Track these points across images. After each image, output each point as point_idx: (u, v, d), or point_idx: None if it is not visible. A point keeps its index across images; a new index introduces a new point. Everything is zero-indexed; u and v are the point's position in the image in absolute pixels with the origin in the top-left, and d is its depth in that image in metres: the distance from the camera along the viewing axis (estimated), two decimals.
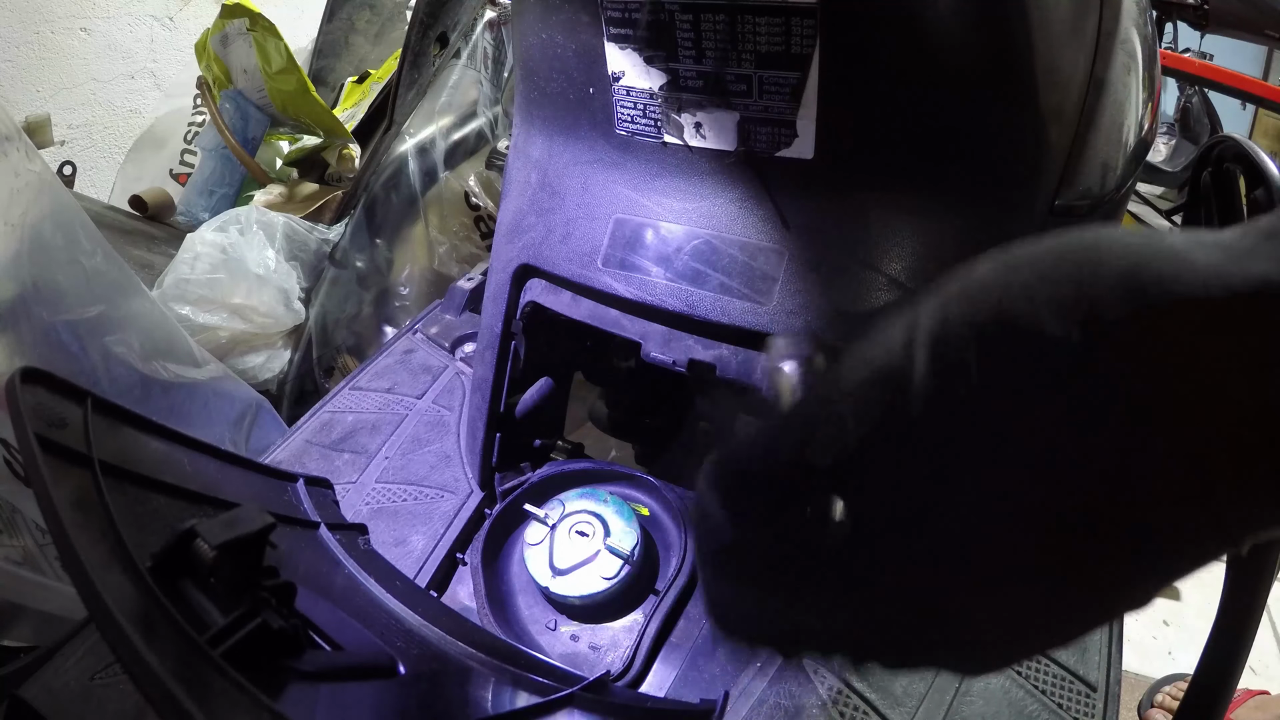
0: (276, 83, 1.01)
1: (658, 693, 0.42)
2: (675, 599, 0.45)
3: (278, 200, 1.01)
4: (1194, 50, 1.47)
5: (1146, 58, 0.49)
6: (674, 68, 0.40)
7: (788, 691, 0.40)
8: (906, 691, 0.40)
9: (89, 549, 0.24)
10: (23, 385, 0.28)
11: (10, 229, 0.60)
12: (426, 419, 0.62)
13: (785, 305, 0.41)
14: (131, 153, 1.26)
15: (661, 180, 0.44)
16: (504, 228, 0.53)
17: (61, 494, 0.25)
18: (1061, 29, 0.38)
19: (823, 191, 0.40)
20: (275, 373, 0.90)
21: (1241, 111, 2.16)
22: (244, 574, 0.28)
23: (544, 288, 0.51)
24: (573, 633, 0.47)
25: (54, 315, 0.64)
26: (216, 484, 0.37)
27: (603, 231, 0.46)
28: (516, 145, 0.53)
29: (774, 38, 0.36)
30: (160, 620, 0.24)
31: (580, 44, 0.43)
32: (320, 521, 0.43)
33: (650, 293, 0.44)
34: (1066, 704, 0.39)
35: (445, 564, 0.50)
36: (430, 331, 0.73)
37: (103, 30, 1.42)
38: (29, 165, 0.61)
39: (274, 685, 0.26)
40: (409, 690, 0.33)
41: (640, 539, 0.47)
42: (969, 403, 0.15)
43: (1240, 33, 1.08)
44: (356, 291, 0.97)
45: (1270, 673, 1.04)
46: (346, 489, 0.55)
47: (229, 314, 0.83)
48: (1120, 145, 0.47)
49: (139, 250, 0.91)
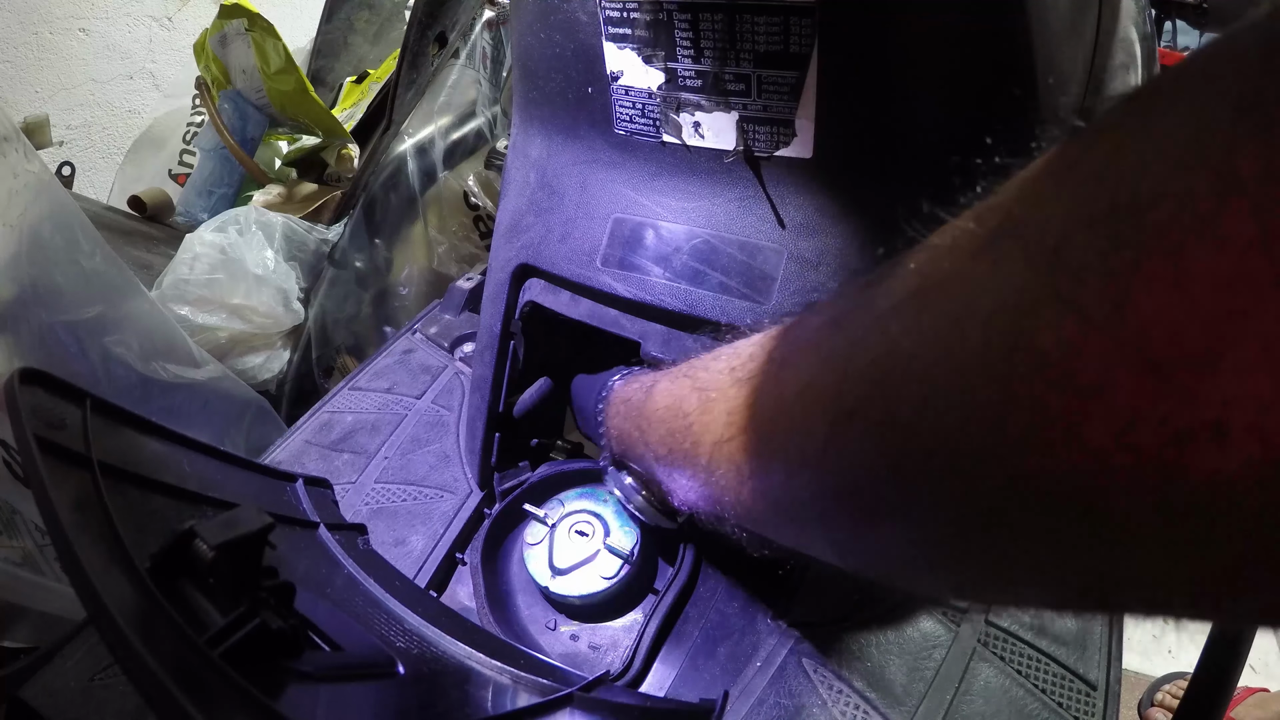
0: (275, 83, 1.01)
1: (658, 692, 0.42)
2: (675, 599, 0.45)
3: (276, 200, 1.01)
4: (1193, 49, 1.47)
5: (1145, 56, 0.49)
6: (672, 67, 0.40)
7: (788, 691, 0.40)
8: (906, 691, 0.40)
9: (88, 550, 0.24)
10: (21, 386, 0.28)
11: (9, 230, 0.60)
12: (426, 419, 0.62)
13: (785, 304, 0.41)
14: (130, 153, 1.26)
15: (660, 180, 0.44)
16: (503, 227, 0.53)
17: (60, 495, 0.25)
18: (1061, 28, 0.38)
19: (822, 191, 0.40)
20: (274, 373, 0.90)
21: None
22: (243, 574, 0.28)
23: (543, 287, 0.51)
24: (572, 632, 0.47)
25: (53, 316, 0.64)
26: (215, 484, 0.37)
27: (601, 231, 0.46)
28: (515, 145, 0.53)
29: (773, 37, 0.36)
30: (159, 621, 0.24)
31: (578, 43, 0.43)
32: (319, 521, 0.43)
33: (649, 292, 0.44)
34: (1067, 703, 0.39)
35: (445, 564, 0.50)
36: (429, 331, 0.73)
37: (101, 31, 1.42)
38: (28, 166, 0.61)
39: (273, 685, 0.26)
40: (408, 690, 0.33)
41: (640, 539, 0.47)
42: None
43: None
44: (356, 291, 0.97)
45: (1270, 671, 1.04)
46: (346, 489, 0.55)
47: (228, 314, 0.83)
48: None
49: (138, 251, 0.91)
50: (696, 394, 0.29)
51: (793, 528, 0.26)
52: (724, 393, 0.27)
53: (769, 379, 0.24)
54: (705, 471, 0.28)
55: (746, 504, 0.26)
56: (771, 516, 0.26)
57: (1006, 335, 0.14)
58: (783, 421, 0.23)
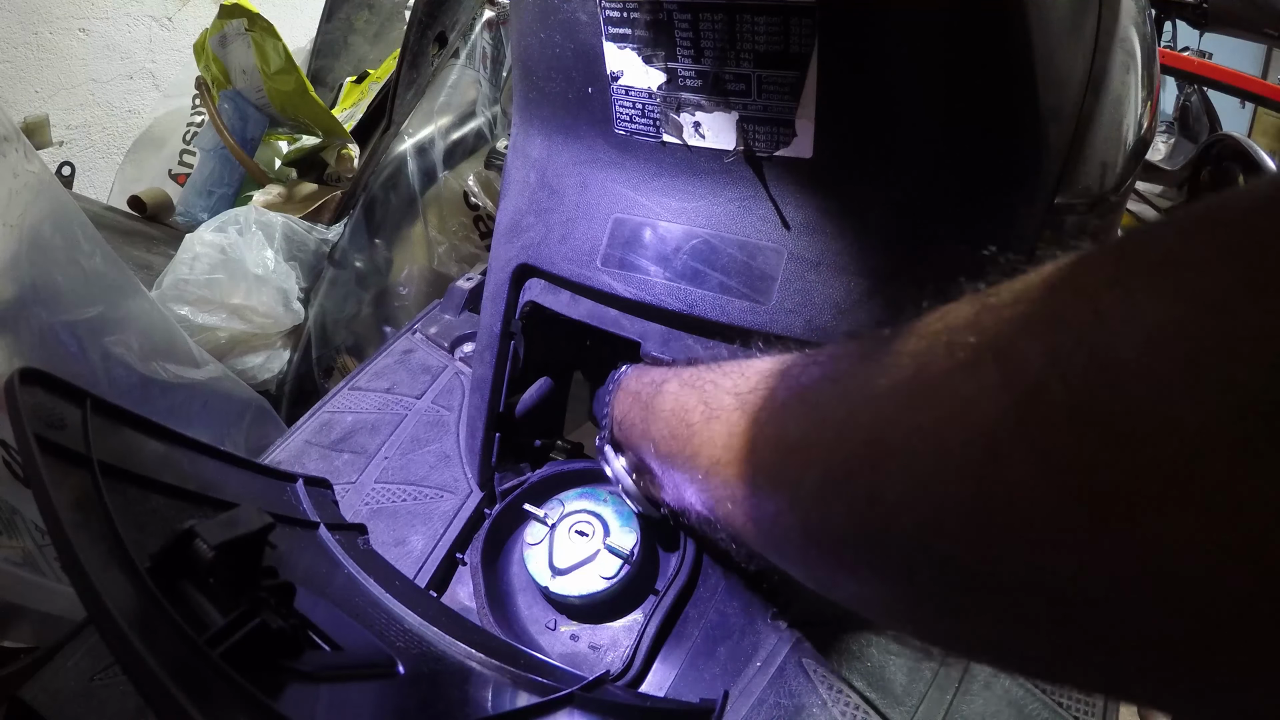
0: (275, 83, 1.01)
1: (658, 692, 0.42)
2: (675, 599, 0.45)
3: (276, 200, 1.01)
4: (1193, 49, 1.47)
5: (1145, 56, 0.49)
6: (672, 67, 0.40)
7: (788, 691, 0.40)
8: (906, 691, 0.40)
9: (88, 549, 0.24)
10: (22, 386, 0.28)
11: (9, 230, 0.60)
12: (426, 419, 0.62)
13: (784, 305, 0.41)
14: (130, 153, 1.26)
15: (660, 179, 0.44)
16: (503, 227, 0.53)
17: (61, 495, 0.25)
18: (1060, 28, 0.38)
19: (822, 191, 0.40)
20: (274, 373, 0.90)
21: (1240, 110, 2.16)
22: (243, 574, 0.28)
23: (543, 287, 0.51)
24: (572, 632, 0.47)
25: (53, 316, 0.64)
26: (215, 484, 0.37)
27: (601, 231, 0.46)
28: (515, 145, 0.53)
29: (773, 36, 0.36)
30: (159, 621, 0.24)
31: (578, 43, 0.43)
32: (319, 521, 0.43)
33: (649, 292, 0.44)
34: (1067, 703, 0.39)
35: (445, 564, 0.50)
36: (429, 331, 0.73)
37: (101, 31, 1.42)
38: (27, 166, 0.61)
39: (273, 685, 0.26)
40: (408, 690, 0.33)
41: (640, 539, 0.47)
42: None
43: (1239, 31, 1.08)
44: (355, 292, 0.97)
45: None
46: (346, 489, 0.55)
47: (228, 314, 0.83)
48: (1119, 144, 0.47)
49: (138, 251, 0.91)
50: (703, 407, 0.31)
51: (777, 555, 0.27)
52: (728, 415, 0.28)
53: (770, 418, 0.26)
54: (701, 481, 0.30)
55: (736, 523, 0.28)
56: (758, 540, 0.28)
57: (982, 459, 0.17)
58: (777, 465, 0.24)
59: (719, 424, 0.29)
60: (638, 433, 0.38)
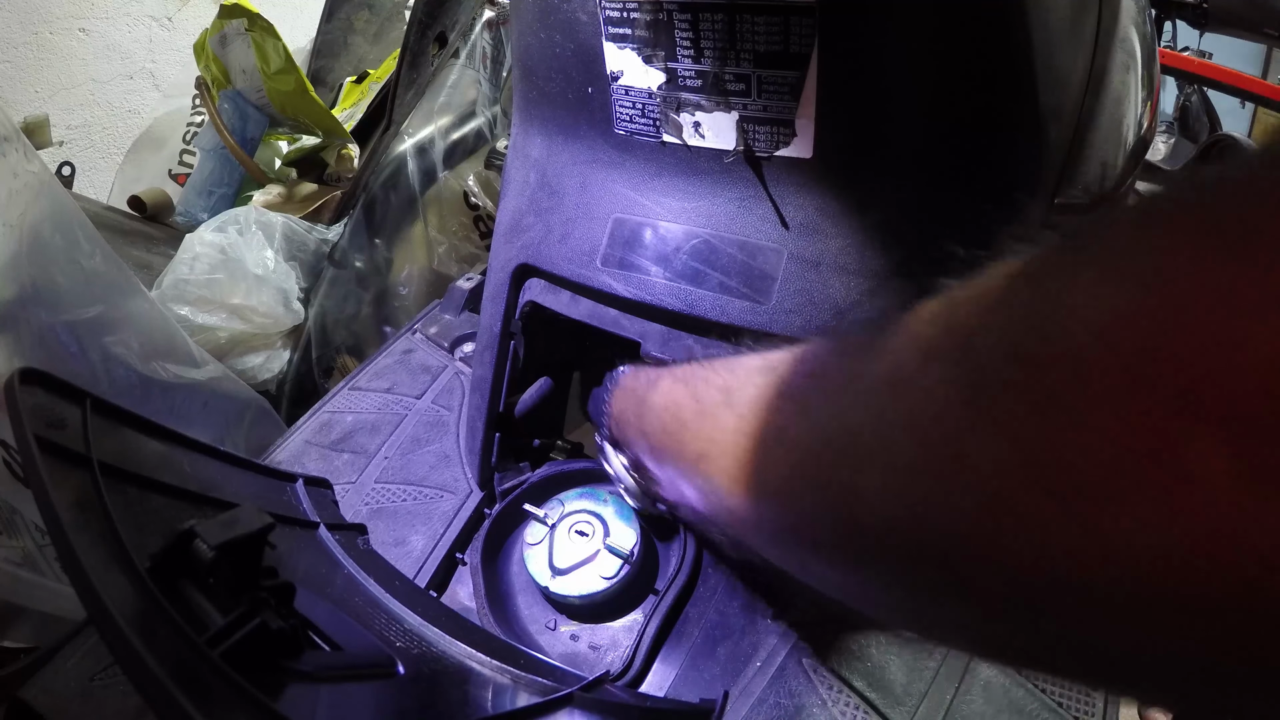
0: (275, 83, 1.01)
1: (658, 692, 0.42)
2: (675, 599, 0.45)
3: (276, 200, 1.01)
4: (1193, 49, 1.47)
5: (1145, 56, 0.49)
6: (672, 67, 0.40)
7: (788, 691, 0.40)
8: (906, 691, 0.40)
9: (88, 550, 0.24)
10: (21, 386, 0.28)
11: (9, 230, 0.60)
12: (426, 419, 0.62)
13: (784, 304, 0.41)
14: (130, 153, 1.26)
15: (660, 180, 0.44)
16: (503, 227, 0.53)
17: (61, 495, 0.25)
18: (1061, 27, 0.38)
19: (822, 191, 0.40)
20: (274, 373, 0.90)
21: (1240, 110, 2.16)
22: (243, 574, 0.28)
23: (543, 287, 0.51)
24: (572, 632, 0.47)
25: (53, 316, 0.64)
26: (215, 484, 0.37)
27: (601, 231, 0.46)
28: (515, 145, 0.53)
29: (772, 37, 0.36)
30: (159, 621, 0.24)
31: (578, 43, 0.43)
32: (319, 521, 0.43)
33: (649, 292, 0.44)
34: (1067, 702, 0.39)
35: (445, 564, 0.50)
36: (429, 331, 0.73)
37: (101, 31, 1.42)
38: (28, 166, 0.61)
39: (273, 685, 0.26)
40: (408, 690, 0.33)
41: (640, 538, 0.47)
42: None
43: (1239, 31, 1.08)
44: (355, 291, 0.97)
45: None
46: (346, 489, 0.55)
47: (228, 314, 0.83)
48: (1119, 144, 0.47)
49: (138, 251, 0.91)
50: (693, 403, 0.31)
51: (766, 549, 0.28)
52: (717, 410, 0.29)
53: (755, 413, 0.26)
54: (691, 476, 0.31)
55: (724, 516, 0.29)
56: (746, 533, 0.28)
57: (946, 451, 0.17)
58: (764, 463, 0.25)
59: (708, 419, 0.29)
60: (633, 429, 0.39)
